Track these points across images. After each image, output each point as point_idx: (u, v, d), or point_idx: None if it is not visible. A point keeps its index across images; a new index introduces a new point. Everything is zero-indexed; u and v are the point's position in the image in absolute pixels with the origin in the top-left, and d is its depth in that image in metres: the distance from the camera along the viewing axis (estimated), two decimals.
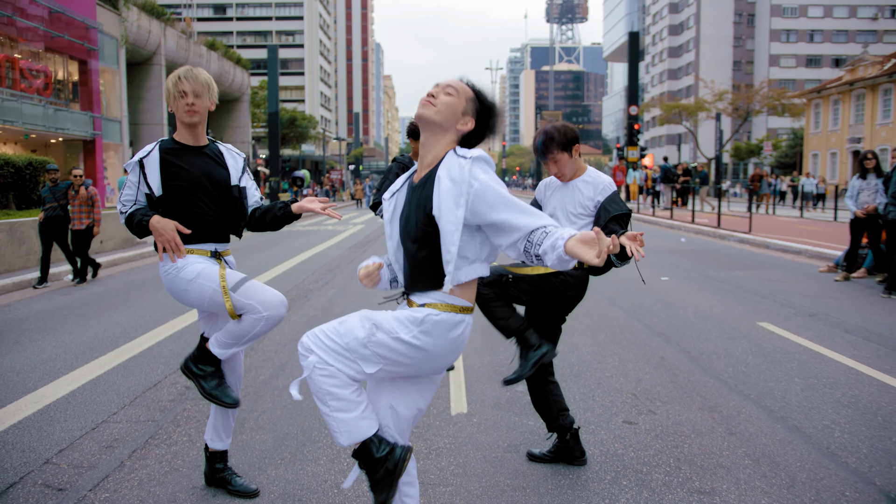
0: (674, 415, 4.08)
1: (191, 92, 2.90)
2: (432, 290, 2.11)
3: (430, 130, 2.18)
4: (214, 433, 3.13)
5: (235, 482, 3.13)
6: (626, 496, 3.05)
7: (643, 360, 5.27)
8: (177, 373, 5.09)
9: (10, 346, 6.05)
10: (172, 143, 3.00)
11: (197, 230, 2.94)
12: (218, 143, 3.16)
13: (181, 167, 2.93)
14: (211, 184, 2.98)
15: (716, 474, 3.27)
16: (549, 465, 3.37)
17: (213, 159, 3.05)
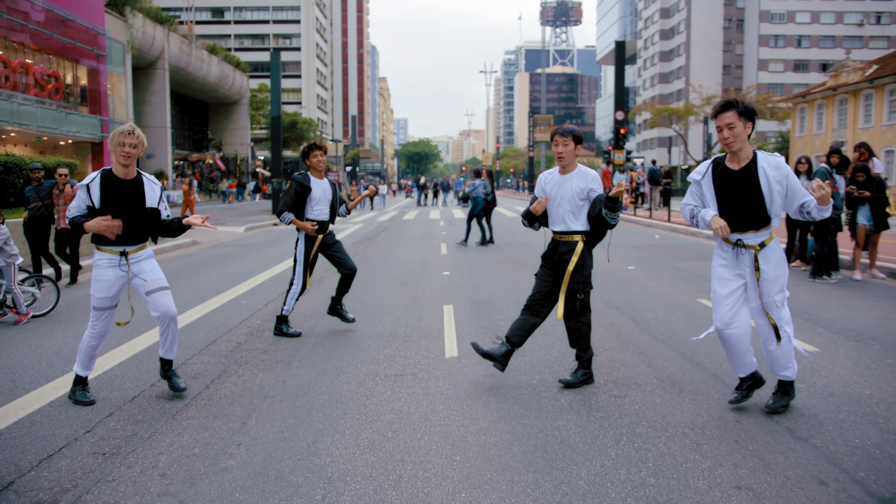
0: (611, 357, 5.42)
1: (128, 144, 4.29)
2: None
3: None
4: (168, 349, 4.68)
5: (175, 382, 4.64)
6: (567, 398, 4.38)
7: (597, 324, 6.60)
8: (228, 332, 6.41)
9: (79, 323, 7.36)
10: (110, 173, 4.42)
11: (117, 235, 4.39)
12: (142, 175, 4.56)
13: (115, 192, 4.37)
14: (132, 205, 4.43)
15: (630, 388, 4.61)
16: (514, 382, 4.70)
17: (137, 189, 4.47)
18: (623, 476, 3.26)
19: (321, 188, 6.19)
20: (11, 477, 3.38)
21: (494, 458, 3.48)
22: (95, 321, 4.50)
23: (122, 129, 4.29)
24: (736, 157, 3.93)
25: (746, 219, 3.92)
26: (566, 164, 4.57)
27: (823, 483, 3.14)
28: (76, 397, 4.49)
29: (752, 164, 3.88)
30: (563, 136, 4.48)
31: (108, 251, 4.45)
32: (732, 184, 3.91)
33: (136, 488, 3.23)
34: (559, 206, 4.57)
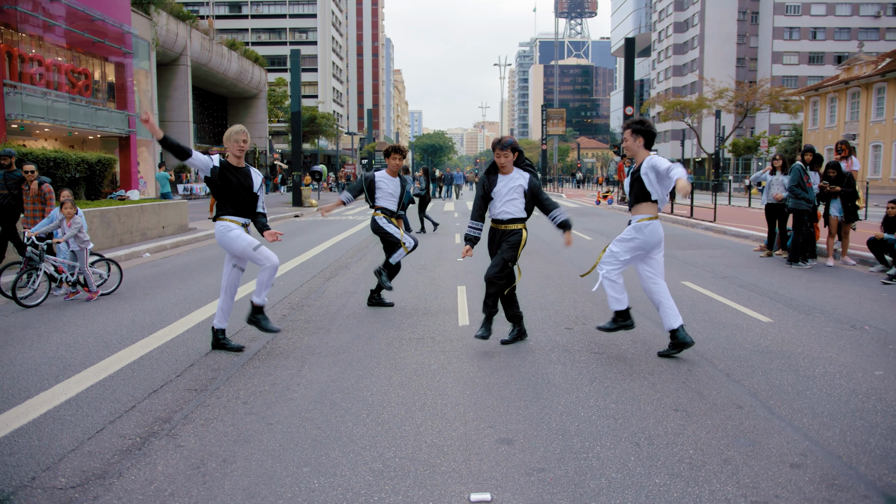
0: (596, 325, 6.49)
1: (242, 140, 5.63)
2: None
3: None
4: (222, 316, 5.84)
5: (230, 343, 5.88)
6: (556, 354, 5.46)
7: (589, 301, 7.67)
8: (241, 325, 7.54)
9: (112, 306, 8.52)
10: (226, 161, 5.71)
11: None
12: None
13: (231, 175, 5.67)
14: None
15: (608, 347, 5.68)
16: (512, 345, 5.77)
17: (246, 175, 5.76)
18: (592, 403, 4.33)
19: (390, 183, 7.39)
20: (132, 402, 4.51)
21: (495, 392, 4.57)
22: (260, 258, 5.62)
23: (237, 128, 5.57)
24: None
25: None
26: (507, 169, 5.71)
27: (740, 407, 4.21)
28: (261, 324, 5.83)
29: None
30: (503, 149, 5.63)
31: (237, 221, 5.67)
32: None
33: (227, 410, 4.35)
34: (502, 199, 5.68)
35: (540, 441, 3.74)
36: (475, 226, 5.86)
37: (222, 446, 3.75)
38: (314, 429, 3.98)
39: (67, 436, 3.94)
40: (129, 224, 14.36)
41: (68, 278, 8.36)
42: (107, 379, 5.05)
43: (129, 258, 12.50)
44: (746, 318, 6.76)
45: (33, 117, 26.13)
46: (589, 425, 3.96)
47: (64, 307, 7.88)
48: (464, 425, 3.99)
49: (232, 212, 5.67)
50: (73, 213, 8.41)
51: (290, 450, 3.69)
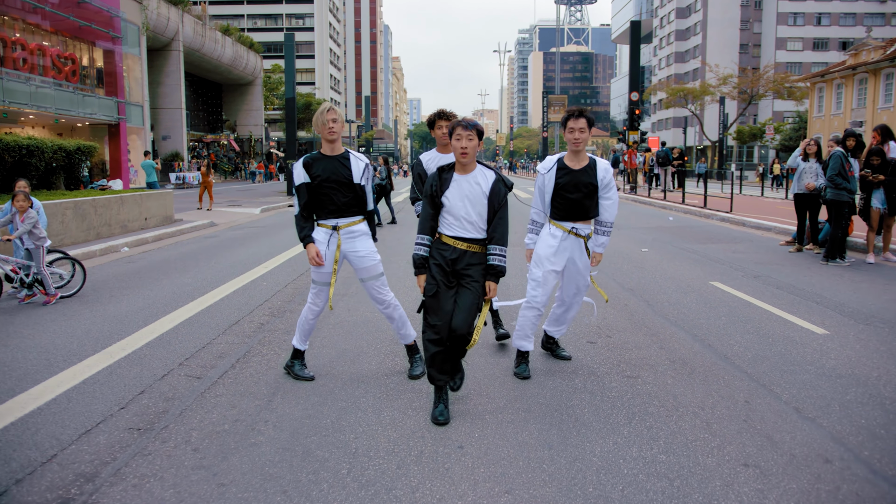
0: (623, 338, 5.55)
1: (331, 119, 4.33)
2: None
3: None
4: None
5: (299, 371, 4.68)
6: (581, 379, 4.52)
7: (610, 306, 6.73)
8: (251, 313, 6.60)
9: (121, 293, 7.58)
10: (318, 153, 4.48)
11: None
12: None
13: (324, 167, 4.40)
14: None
15: (642, 369, 4.74)
16: (529, 368, 4.84)
17: (343, 164, 4.42)
18: (635, 453, 3.40)
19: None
20: (54, 450, 3.57)
21: (511, 436, 3.63)
22: (314, 297, 4.58)
23: (322, 107, 4.38)
24: (579, 157, 4.54)
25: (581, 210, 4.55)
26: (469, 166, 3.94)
27: (828, 461, 3.27)
28: (295, 371, 4.68)
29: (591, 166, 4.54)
30: (467, 129, 3.82)
31: (322, 225, 4.50)
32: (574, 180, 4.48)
33: (171, 462, 3.41)
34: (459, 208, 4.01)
35: None
36: (423, 241, 4.00)
37: None
38: (278, 493, 3.05)
39: None
40: (106, 216, 13.39)
41: (23, 279, 7.42)
42: (32, 414, 4.11)
43: (105, 253, 11.55)
44: (797, 328, 5.82)
45: (16, 103, 25.04)
46: (637, 490, 3.02)
47: (15, 312, 6.94)
48: (473, 489, 3.06)
49: (321, 214, 4.48)
50: (28, 205, 7.45)
51: None
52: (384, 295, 4.61)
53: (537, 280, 4.59)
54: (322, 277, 4.52)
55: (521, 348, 4.65)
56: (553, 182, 4.51)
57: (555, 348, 5.09)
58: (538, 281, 4.58)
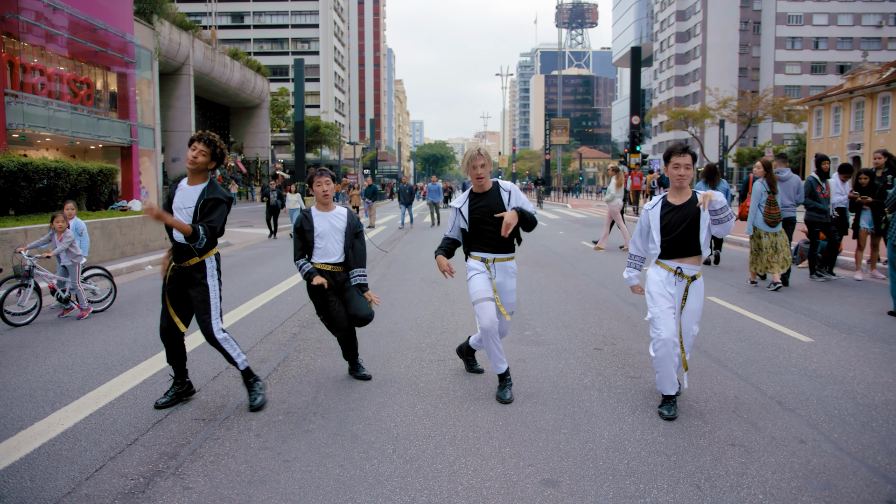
0: (627, 346, 6.12)
1: (479, 165, 4.63)
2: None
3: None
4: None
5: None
6: (590, 378, 5.08)
7: (615, 318, 7.30)
8: (293, 315, 7.17)
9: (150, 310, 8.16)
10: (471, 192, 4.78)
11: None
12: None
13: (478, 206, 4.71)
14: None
15: (644, 371, 5.30)
16: (542, 367, 5.39)
17: (495, 198, 4.69)
18: (638, 436, 3.95)
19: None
20: (135, 435, 4.13)
21: (531, 423, 4.19)
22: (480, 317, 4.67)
23: (471, 153, 4.62)
24: (682, 192, 4.42)
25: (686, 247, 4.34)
26: (328, 203, 5.03)
27: (803, 441, 3.83)
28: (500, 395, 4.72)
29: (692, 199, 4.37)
30: (324, 175, 5.01)
31: (475, 257, 4.75)
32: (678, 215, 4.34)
33: (238, 444, 3.97)
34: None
35: (588, 482, 3.36)
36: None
37: (235, 489, 3.38)
38: (336, 467, 3.61)
39: (63, 475, 3.56)
40: (130, 236, 14.01)
41: (60, 295, 8.00)
42: (107, 406, 4.68)
43: (130, 270, 12.15)
44: (785, 337, 6.38)
45: (35, 127, 25.82)
46: (640, 463, 3.58)
47: (61, 325, 7.52)
48: (501, 463, 3.61)
49: (476, 247, 4.74)
50: (65, 226, 8.05)
51: (312, 493, 3.31)
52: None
53: (655, 319, 4.33)
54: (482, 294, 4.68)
55: (665, 392, 4.37)
56: (658, 219, 4.41)
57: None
58: (656, 321, 4.31)
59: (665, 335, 4.23)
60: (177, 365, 4.74)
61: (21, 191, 13.02)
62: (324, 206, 5.02)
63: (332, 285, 4.99)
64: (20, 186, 12.97)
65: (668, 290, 4.35)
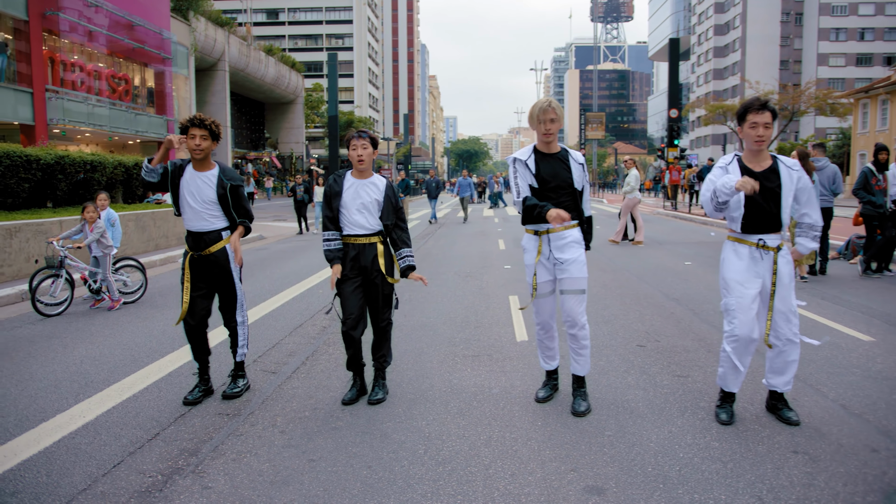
0: (672, 343, 5.78)
1: (548, 119, 3.99)
2: None
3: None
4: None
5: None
6: (633, 377, 4.78)
7: (657, 314, 6.96)
8: (314, 316, 6.99)
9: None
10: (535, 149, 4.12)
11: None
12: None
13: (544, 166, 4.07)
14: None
15: (692, 369, 4.97)
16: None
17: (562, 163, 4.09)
18: (689, 440, 3.65)
19: None
20: (156, 430, 3.96)
21: (571, 424, 3.91)
22: (534, 310, 4.28)
23: (540, 105, 4.00)
24: (759, 155, 3.85)
25: (768, 220, 3.81)
26: (365, 169, 4.35)
27: (875, 451, 3.48)
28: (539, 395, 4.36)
29: (774, 166, 3.84)
30: (361, 137, 4.30)
31: (528, 231, 4.21)
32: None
33: (262, 441, 3.77)
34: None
35: (637, 490, 3.08)
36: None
37: (256, 489, 3.17)
38: (363, 468, 3.38)
39: (80, 471, 3.40)
40: (164, 228, 14.03)
41: (91, 285, 7.94)
42: (131, 399, 4.53)
43: (164, 263, 12.14)
44: (843, 335, 5.98)
45: (75, 122, 26.22)
46: (693, 470, 3.28)
47: (92, 315, 7.45)
48: (541, 467, 3.34)
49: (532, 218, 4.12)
50: (96, 217, 7.98)
51: (337, 496, 3.09)
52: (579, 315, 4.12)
53: (731, 311, 3.88)
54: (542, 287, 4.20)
55: (726, 388, 3.99)
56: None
57: (780, 407, 3.99)
58: (732, 312, 3.87)
59: (741, 331, 3.79)
60: (204, 359, 4.60)
61: (58, 183, 13.10)
62: (359, 172, 4.35)
63: (357, 265, 4.32)
64: (57, 179, 13.05)
65: (753, 273, 3.83)
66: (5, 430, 3.98)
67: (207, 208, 4.43)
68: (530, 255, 4.20)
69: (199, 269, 4.48)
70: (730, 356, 3.87)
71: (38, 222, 10.19)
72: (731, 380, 3.93)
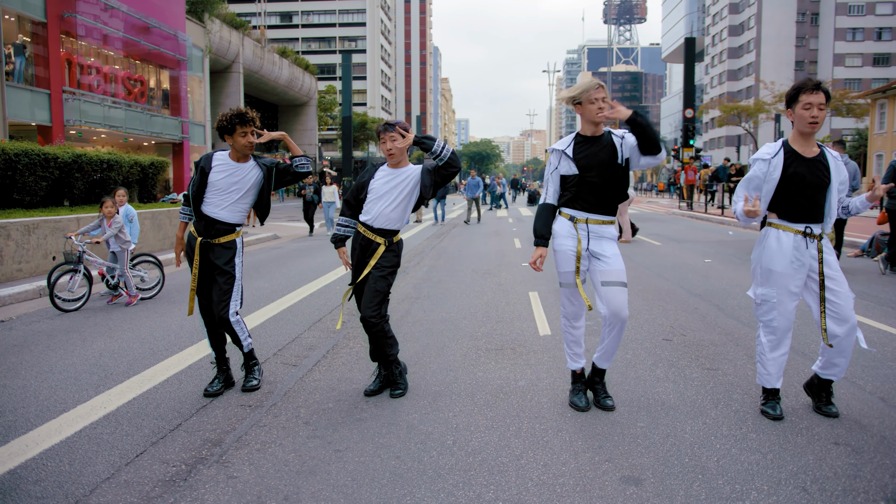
0: (698, 337, 5.67)
1: (600, 98, 3.81)
2: None
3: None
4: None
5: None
6: (662, 370, 4.67)
7: (681, 309, 6.84)
8: (328, 313, 6.92)
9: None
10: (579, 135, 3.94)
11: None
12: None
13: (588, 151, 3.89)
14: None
15: (721, 362, 4.86)
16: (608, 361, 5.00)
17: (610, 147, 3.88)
18: (725, 432, 3.54)
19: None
20: (178, 420, 3.90)
21: (602, 416, 3.81)
22: (563, 301, 4.06)
23: (591, 83, 3.85)
24: (808, 140, 3.70)
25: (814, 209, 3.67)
26: (399, 160, 4.33)
27: None
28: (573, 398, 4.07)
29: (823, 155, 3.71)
30: (390, 130, 4.26)
31: (564, 215, 3.97)
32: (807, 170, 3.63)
33: (286, 432, 3.70)
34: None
35: (676, 481, 2.97)
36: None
37: (283, 479, 3.09)
38: (392, 459, 3.30)
39: (102, 460, 3.34)
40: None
41: (109, 281, 7.92)
42: (151, 391, 4.47)
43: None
44: (873, 330, 5.84)
45: (91, 123, 26.38)
46: (731, 461, 3.17)
47: (110, 311, 7.43)
48: (574, 458, 3.25)
49: (569, 202, 3.93)
50: (114, 212, 7.97)
51: (366, 486, 3.01)
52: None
53: (769, 303, 3.72)
54: (567, 278, 3.98)
55: (767, 385, 3.85)
56: (780, 172, 3.66)
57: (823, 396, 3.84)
58: (771, 304, 3.72)
59: (779, 323, 3.67)
60: (220, 349, 4.58)
61: (75, 182, 13.14)
62: (392, 165, 4.33)
63: (362, 255, 4.26)
64: (74, 178, 13.09)
65: (798, 264, 3.65)
66: (27, 420, 3.93)
67: (235, 196, 4.47)
68: (564, 242, 3.89)
69: (205, 256, 4.46)
70: (764, 349, 3.76)
71: (55, 219, 10.20)
72: (769, 376, 3.77)
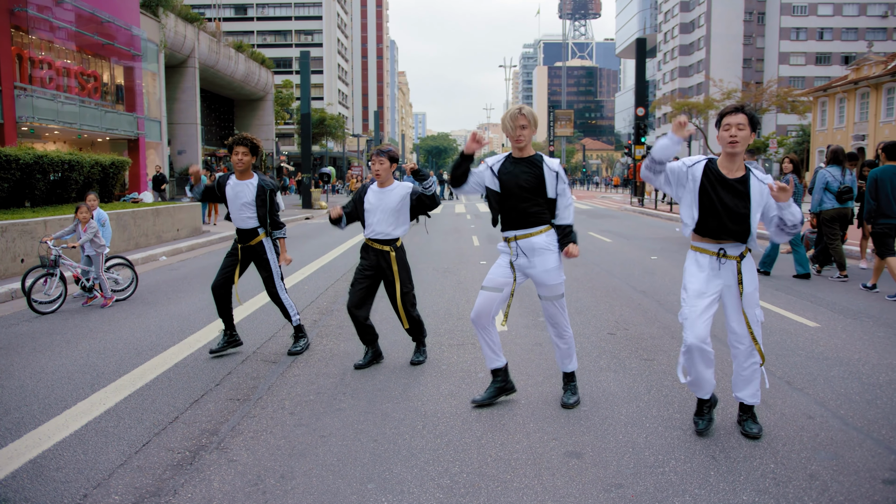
0: (639, 331, 6.32)
1: (520, 125, 4.11)
2: None
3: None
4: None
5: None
6: (605, 361, 5.29)
7: (626, 306, 7.50)
8: (309, 307, 7.38)
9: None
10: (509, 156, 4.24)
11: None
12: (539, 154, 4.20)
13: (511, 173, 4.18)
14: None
15: (657, 354, 5.51)
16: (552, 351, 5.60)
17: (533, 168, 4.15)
18: (654, 413, 4.16)
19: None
20: (175, 413, 4.35)
21: (552, 402, 4.40)
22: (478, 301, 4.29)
23: (511, 112, 4.10)
24: (733, 161, 3.68)
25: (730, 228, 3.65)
26: (384, 180, 5.20)
27: (811, 417, 4.03)
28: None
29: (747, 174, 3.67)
30: (380, 155, 5.16)
31: (504, 238, 4.28)
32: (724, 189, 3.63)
33: (274, 421, 4.18)
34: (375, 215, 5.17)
35: (610, 454, 3.57)
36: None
37: (277, 461, 3.59)
38: (370, 442, 3.82)
39: (113, 449, 3.78)
40: (144, 227, 14.23)
41: (84, 284, 8.22)
42: (144, 388, 4.90)
43: (145, 261, 12.37)
44: (792, 322, 6.58)
45: (43, 120, 26.03)
46: (658, 437, 3.79)
47: (86, 312, 7.74)
48: (527, 437, 3.82)
49: (504, 225, 4.26)
50: (89, 217, 8.27)
51: (350, 465, 3.53)
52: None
53: (685, 319, 3.74)
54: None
55: (698, 395, 3.90)
56: (696, 185, 3.71)
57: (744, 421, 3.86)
58: (687, 320, 3.72)
59: (691, 340, 3.64)
60: (226, 317, 5.71)
61: (36, 183, 13.23)
62: (379, 184, 5.26)
63: (376, 265, 5.23)
64: (35, 179, 13.18)
65: (712, 285, 3.71)
66: (33, 417, 4.33)
67: (246, 209, 5.59)
68: (501, 261, 4.24)
69: (245, 255, 5.73)
70: (690, 365, 3.73)
71: (23, 222, 10.38)
72: (698, 386, 3.82)
